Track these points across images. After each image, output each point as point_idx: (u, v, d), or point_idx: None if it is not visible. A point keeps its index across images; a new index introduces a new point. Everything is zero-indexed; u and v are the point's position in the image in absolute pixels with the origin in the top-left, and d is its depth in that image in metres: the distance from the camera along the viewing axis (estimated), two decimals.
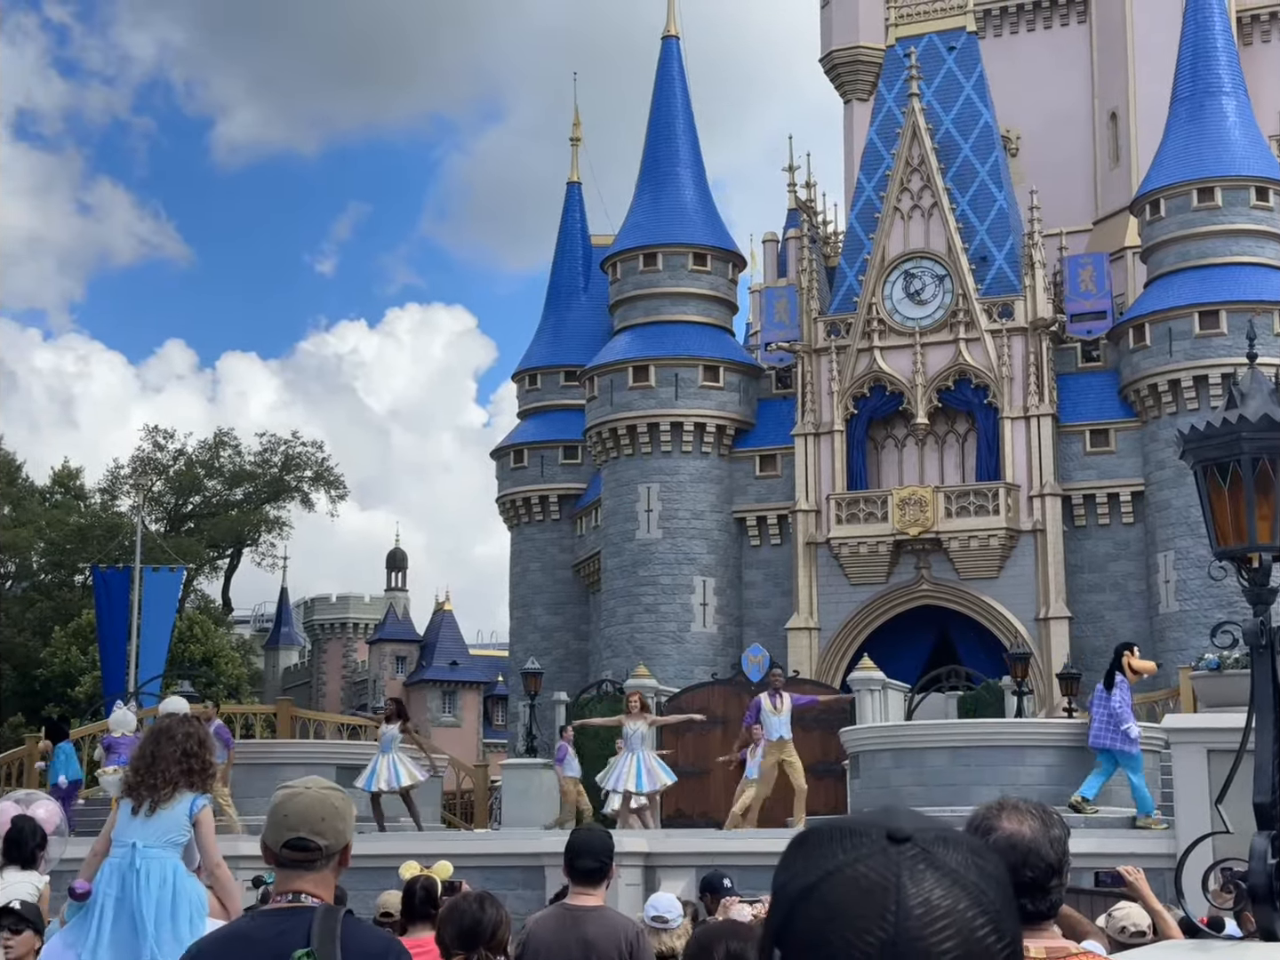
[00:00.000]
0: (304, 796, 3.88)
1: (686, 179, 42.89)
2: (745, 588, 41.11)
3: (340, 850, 3.87)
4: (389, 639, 73.73)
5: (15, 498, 61.18)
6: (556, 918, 6.70)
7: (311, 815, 3.82)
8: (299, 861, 3.82)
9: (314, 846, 3.80)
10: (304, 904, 3.77)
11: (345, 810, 3.91)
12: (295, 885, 3.82)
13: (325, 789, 3.95)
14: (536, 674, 31.52)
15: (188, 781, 5.67)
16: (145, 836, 5.56)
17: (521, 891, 17.47)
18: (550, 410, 47.85)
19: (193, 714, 20.35)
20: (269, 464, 64.69)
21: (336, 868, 3.89)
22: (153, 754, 5.65)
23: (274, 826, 3.88)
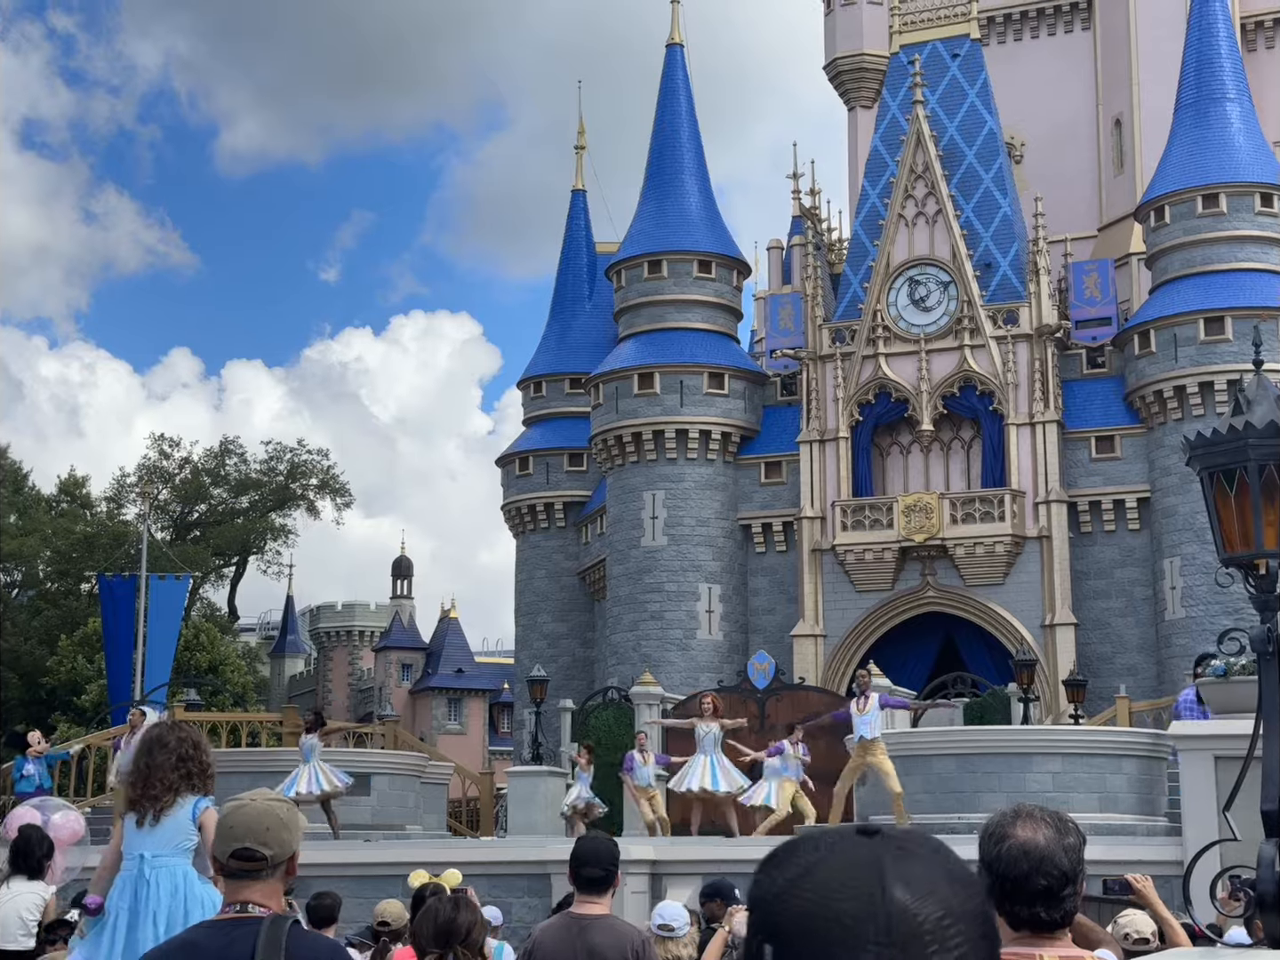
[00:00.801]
0: (249, 808, 3.95)
1: (691, 186, 42.92)
2: (751, 595, 41.09)
3: (286, 860, 3.93)
4: (394, 647, 73.70)
5: (21, 506, 61.23)
6: (562, 926, 6.68)
7: (257, 826, 3.89)
8: (246, 871, 3.88)
9: (259, 856, 3.87)
10: (251, 914, 3.83)
11: (290, 821, 3.98)
12: (243, 895, 3.88)
13: (271, 800, 4.03)
14: (542, 681, 31.51)
15: (188, 785, 5.65)
16: (153, 846, 5.55)
17: (527, 899, 17.45)
18: (555, 418, 47.87)
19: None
20: (275, 472, 64.75)
21: (284, 877, 3.95)
22: (147, 765, 5.63)
23: (221, 838, 3.94)
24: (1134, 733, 22.63)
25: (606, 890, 6.69)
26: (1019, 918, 3.03)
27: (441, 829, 25.44)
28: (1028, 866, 3.02)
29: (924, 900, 1.49)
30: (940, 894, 1.52)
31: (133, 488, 62.46)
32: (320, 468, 65.02)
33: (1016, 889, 3.02)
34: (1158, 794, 20.51)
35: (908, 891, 1.49)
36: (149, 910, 5.31)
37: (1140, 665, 37.54)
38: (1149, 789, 20.40)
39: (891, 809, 19.97)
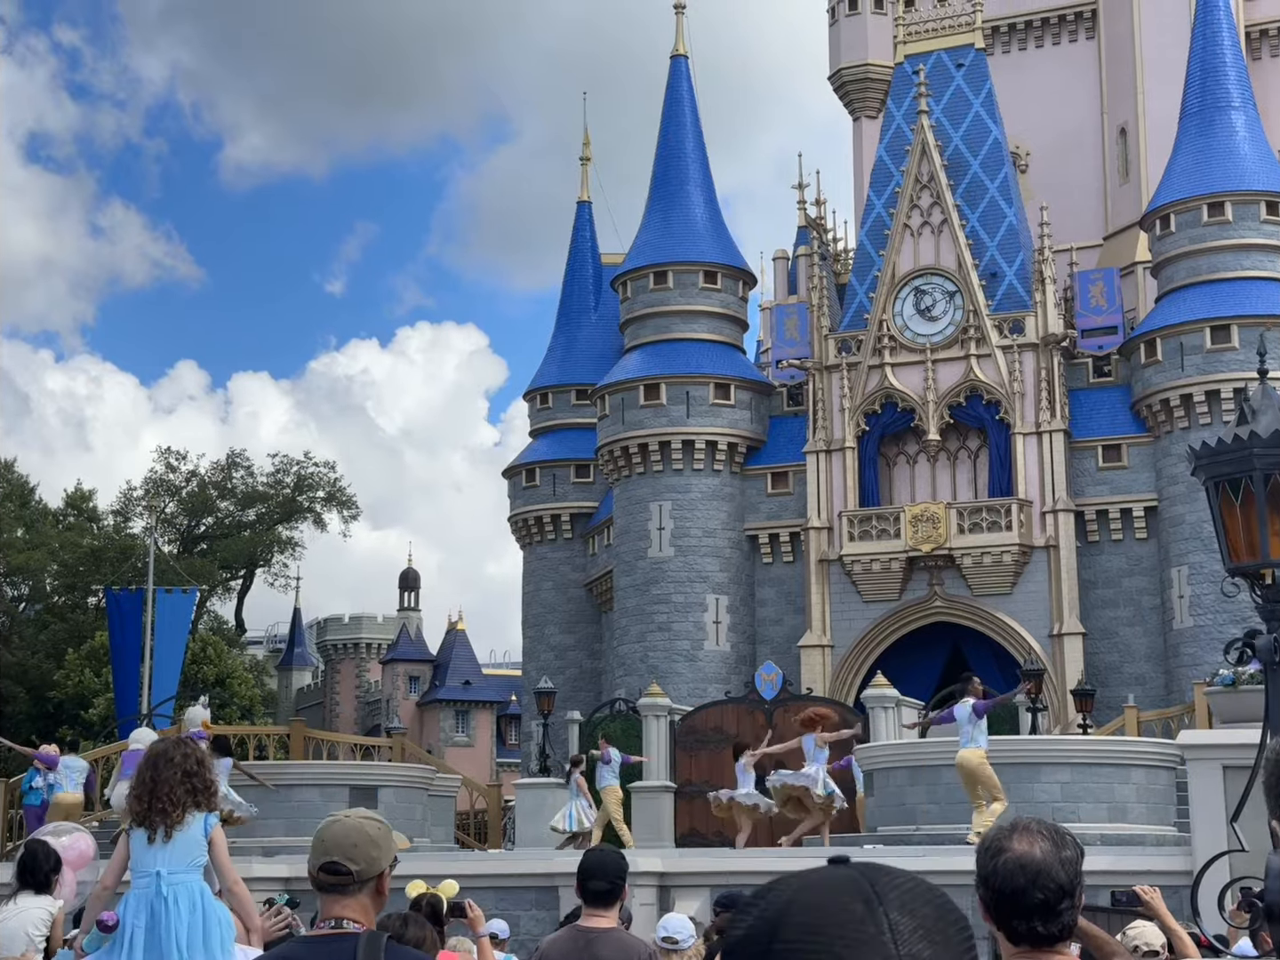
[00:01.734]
0: (341, 824, 4.04)
1: (696, 197, 42.95)
2: (758, 605, 41.06)
3: (375, 876, 4.01)
4: (402, 659, 73.70)
5: (29, 520, 61.28)
6: (569, 939, 6.66)
7: (345, 841, 3.98)
8: (334, 885, 3.97)
9: (345, 871, 3.95)
10: (347, 930, 3.92)
11: (380, 838, 4.05)
12: (337, 911, 3.98)
13: (363, 818, 4.11)
14: (550, 693, 31.51)
15: (194, 802, 5.66)
16: (168, 863, 5.54)
17: (535, 912, 17.43)
18: (562, 429, 47.88)
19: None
20: (281, 485, 64.79)
21: (374, 894, 4.03)
22: (153, 779, 5.62)
23: (313, 851, 4.05)
24: (1142, 742, 22.59)
25: (614, 903, 6.67)
26: (1017, 932, 3.02)
27: (449, 841, 25.42)
28: (1024, 880, 3.01)
29: (917, 901, 1.55)
30: (927, 895, 1.57)
31: (139, 501, 62.53)
32: (327, 480, 65.10)
33: (1014, 903, 3.00)
34: (1166, 804, 20.46)
35: (899, 895, 1.54)
36: (170, 928, 5.31)
37: (1148, 674, 37.47)
38: (1157, 799, 20.36)
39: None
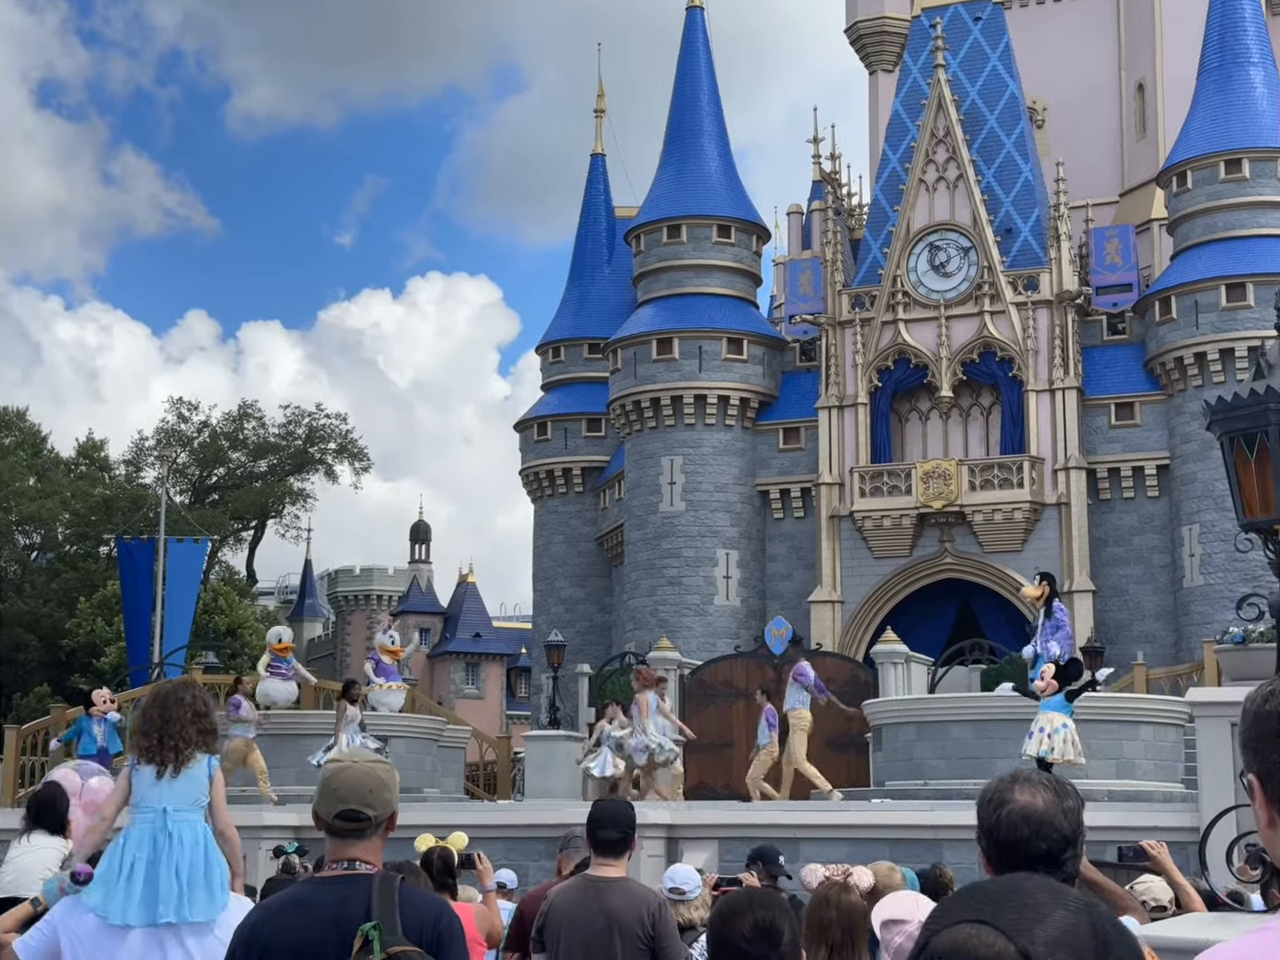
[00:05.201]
0: (353, 770, 4.08)
1: (710, 151, 42.75)
2: (768, 560, 41.10)
3: (388, 818, 4.09)
4: (413, 611, 73.92)
5: (40, 469, 61.41)
6: (579, 889, 6.70)
7: (360, 788, 4.03)
8: (351, 831, 4.02)
9: (364, 817, 4.02)
10: (359, 871, 3.99)
11: (391, 781, 4.13)
12: (349, 853, 4.03)
13: (372, 762, 4.17)
14: (560, 646, 31.60)
15: (203, 742, 5.71)
16: (173, 800, 5.56)
17: (544, 862, 17.50)
18: (574, 383, 47.85)
19: (221, 685, 20.18)
20: (293, 436, 64.83)
21: (384, 834, 4.11)
22: (163, 717, 5.65)
23: (325, 798, 4.08)
24: (1151, 699, 22.62)
25: (623, 853, 6.71)
26: None
27: (459, 792, 25.54)
28: (1028, 831, 3.01)
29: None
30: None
31: (151, 451, 62.64)
32: (338, 432, 65.14)
33: (1017, 854, 3.01)
34: (1174, 761, 20.51)
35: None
36: (171, 862, 5.33)
37: (1158, 632, 37.49)
38: (1165, 756, 20.40)
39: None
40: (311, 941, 3.87)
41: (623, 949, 6.49)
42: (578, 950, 6.52)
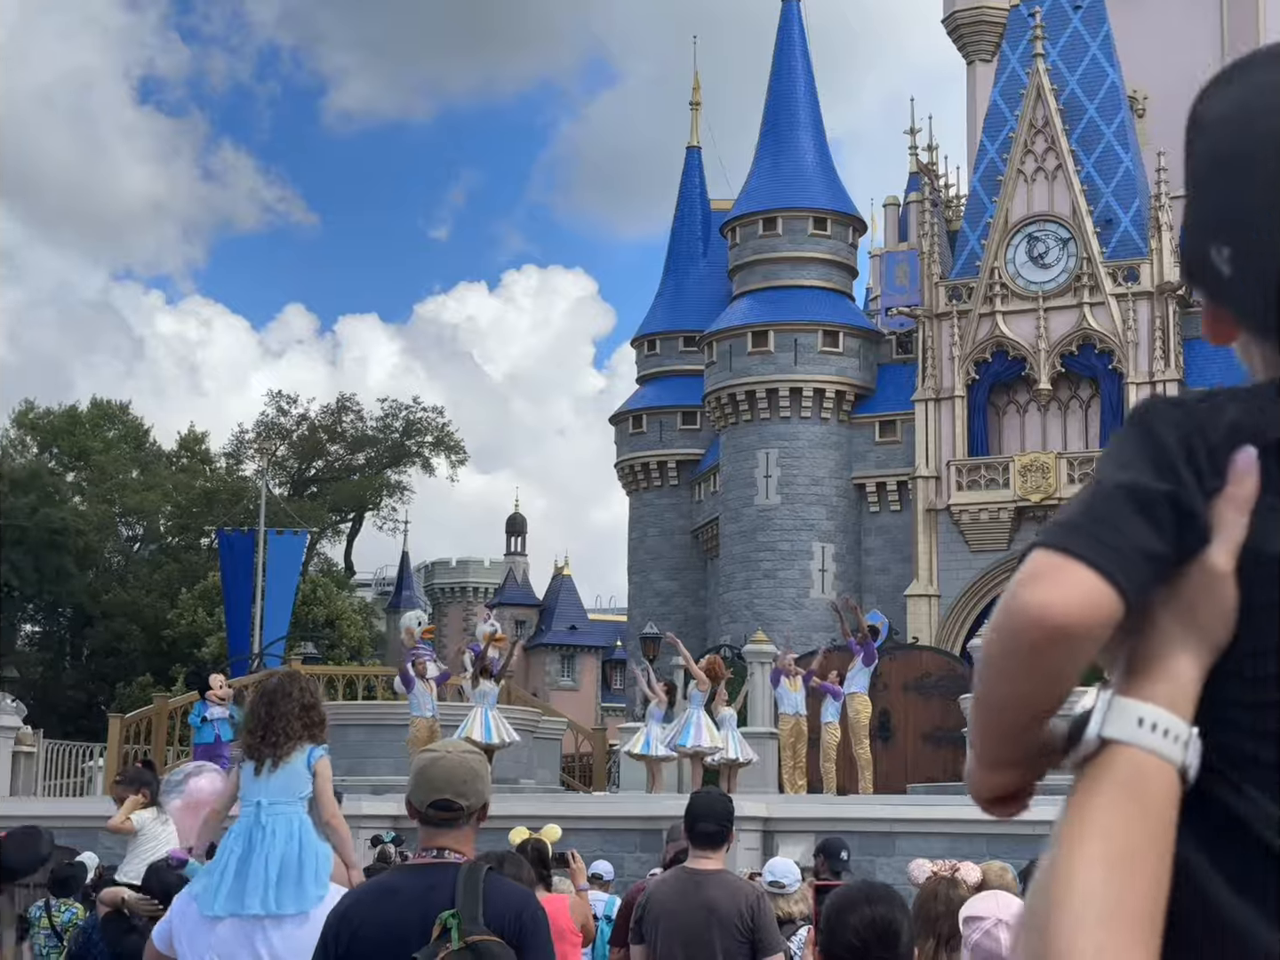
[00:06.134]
0: (446, 760, 4.11)
1: (806, 142, 42.55)
2: (864, 554, 40.89)
3: (480, 808, 4.11)
4: (509, 603, 74.23)
5: (143, 462, 62.37)
6: (677, 881, 6.68)
7: (454, 778, 4.06)
8: (443, 820, 4.05)
9: (458, 807, 4.04)
10: (448, 860, 4.01)
11: (483, 772, 4.16)
12: (439, 841, 4.06)
13: (465, 753, 4.20)
14: (655, 638, 31.58)
15: (309, 735, 5.72)
16: (269, 793, 5.60)
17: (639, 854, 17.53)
18: (669, 375, 47.84)
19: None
20: (390, 429, 65.32)
21: (476, 824, 4.13)
22: (268, 714, 5.69)
23: (420, 788, 4.11)
24: None
25: (721, 845, 6.68)
26: None
27: (555, 783, 25.63)
28: None
29: None
30: None
31: (251, 444, 63.39)
32: (435, 425, 65.53)
33: None
34: None
35: None
36: (262, 854, 5.38)
37: None
38: None
39: None
40: (398, 928, 3.90)
41: (721, 941, 6.47)
42: (676, 942, 6.50)
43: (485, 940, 3.77)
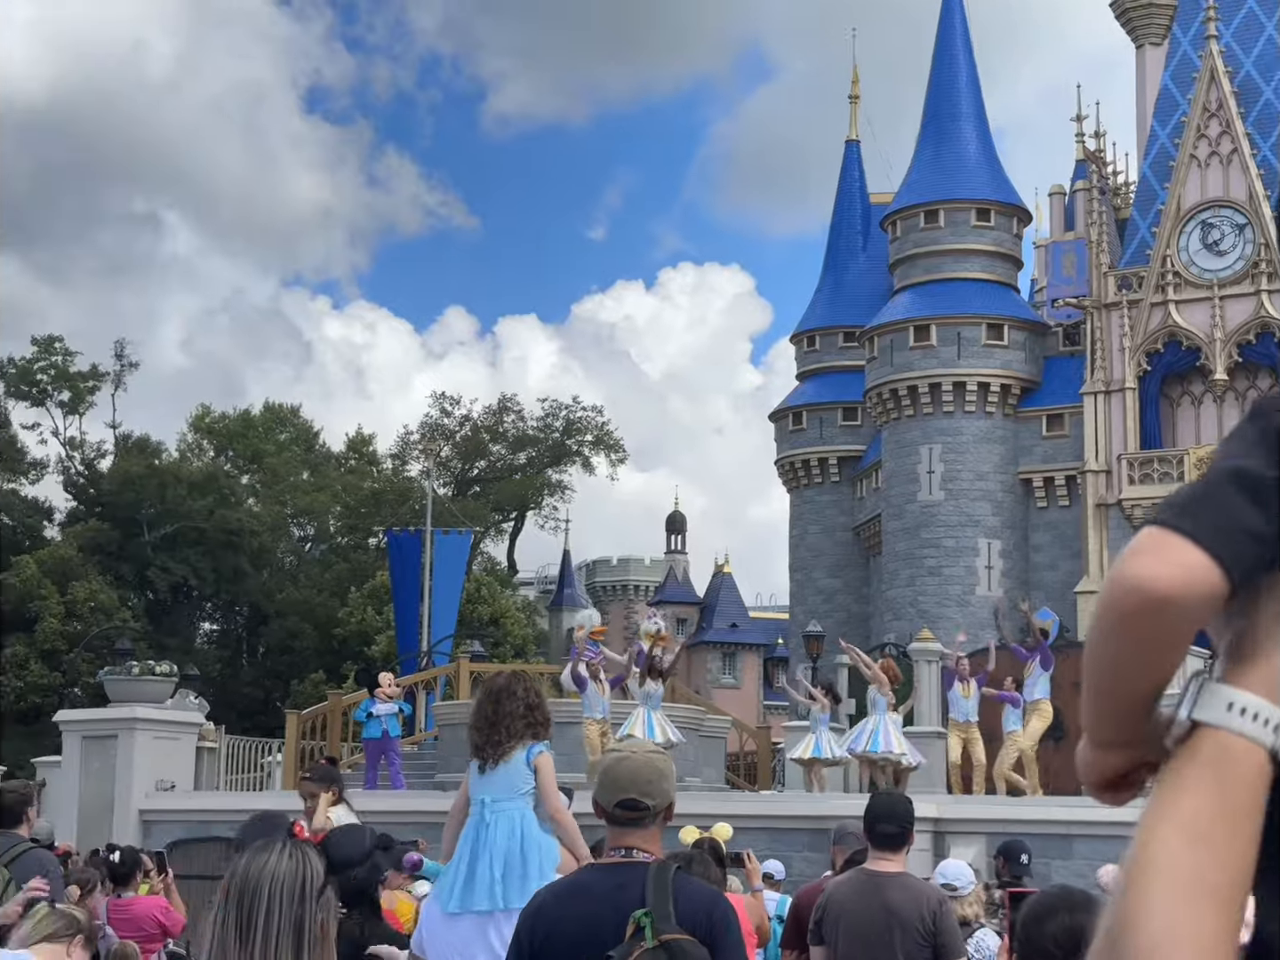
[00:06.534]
0: (632, 760, 4.13)
1: (969, 132, 41.94)
2: (1031, 550, 40.19)
3: (665, 808, 4.11)
4: (669, 601, 74.36)
5: (313, 464, 63.69)
6: (857, 882, 6.57)
7: (640, 778, 4.07)
8: (630, 820, 4.07)
9: (643, 806, 4.06)
10: (637, 859, 4.04)
11: (668, 771, 4.16)
12: (627, 841, 4.08)
13: (650, 753, 4.23)
14: (818, 637, 31.39)
15: (531, 734, 5.81)
16: (492, 791, 5.72)
17: (807, 854, 17.38)
18: (829, 372, 47.50)
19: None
20: (551, 429, 65.81)
21: (662, 824, 4.13)
22: (494, 713, 5.79)
23: (606, 788, 4.13)
24: None
25: (902, 847, 6.57)
26: None
27: (720, 782, 25.55)
28: None
29: None
30: None
31: (415, 445, 64.31)
32: (595, 424, 65.87)
33: None
34: None
35: None
36: (486, 851, 5.51)
37: None
38: None
39: None
40: (591, 926, 3.93)
41: (903, 945, 6.35)
42: (857, 945, 6.40)
43: (679, 939, 3.78)
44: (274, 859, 2.63)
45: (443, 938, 5.31)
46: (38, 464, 60.97)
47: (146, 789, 19.63)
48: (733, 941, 3.97)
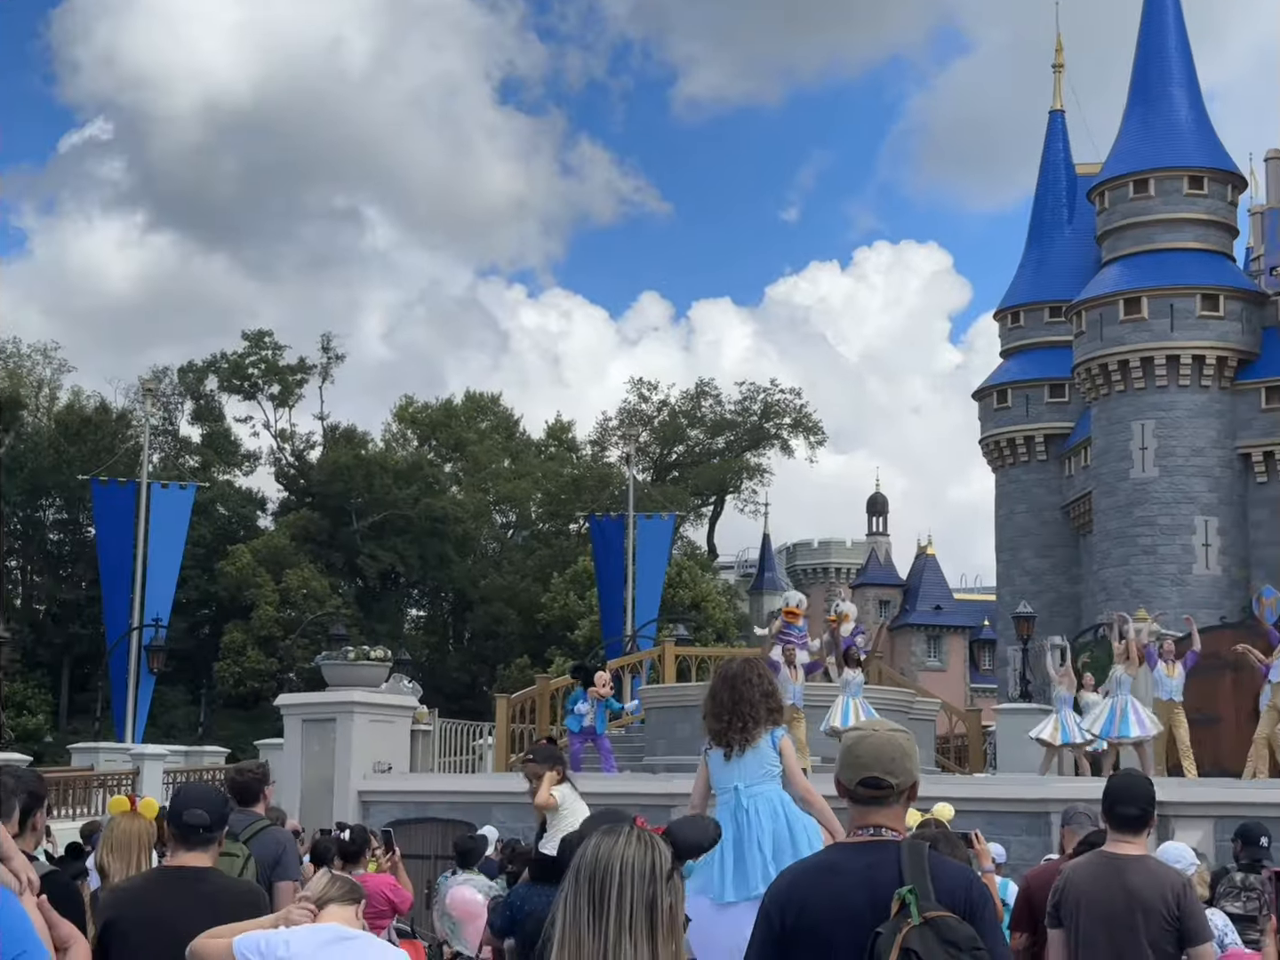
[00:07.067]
0: (874, 739, 4.08)
1: (1179, 98, 40.67)
2: (1251, 527, 38.93)
3: (909, 787, 4.04)
4: (871, 583, 73.81)
5: (514, 451, 64.55)
6: (1096, 865, 6.38)
7: (883, 755, 4.03)
8: (874, 798, 4.02)
9: (886, 785, 4.01)
10: (885, 837, 3.99)
11: (911, 750, 4.09)
12: (873, 819, 4.03)
13: (892, 730, 4.14)
14: (1029, 618, 30.82)
15: (771, 720, 5.91)
16: (745, 777, 5.78)
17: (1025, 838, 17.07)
18: (1034, 348, 46.60)
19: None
20: (749, 412, 65.69)
21: (906, 803, 4.08)
22: (733, 698, 5.85)
23: (848, 766, 4.08)
24: None
25: (1142, 830, 6.37)
26: None
27: (930, 765, 25.24)
28: None
29: None
30: None
31: (615, 431, 64.73)
32: (793, 406, 65.56)
33: None
34: None
35: None
36: (753, 837, 5.55)
37: None
38: None
39: None
40: (844, 903, 3.89)
41: (1147, 928, 6.16)
42: (1100, 928, 6.22)
43: (944, 916, 3.74)
44: (622, 842, 2.66)
45: (718, 928, 5.29)
46: (250, 456, 62.97)
47: (365, 770, 20.05)
48: (991, 918, 3.91)
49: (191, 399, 62.25)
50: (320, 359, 61.68)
